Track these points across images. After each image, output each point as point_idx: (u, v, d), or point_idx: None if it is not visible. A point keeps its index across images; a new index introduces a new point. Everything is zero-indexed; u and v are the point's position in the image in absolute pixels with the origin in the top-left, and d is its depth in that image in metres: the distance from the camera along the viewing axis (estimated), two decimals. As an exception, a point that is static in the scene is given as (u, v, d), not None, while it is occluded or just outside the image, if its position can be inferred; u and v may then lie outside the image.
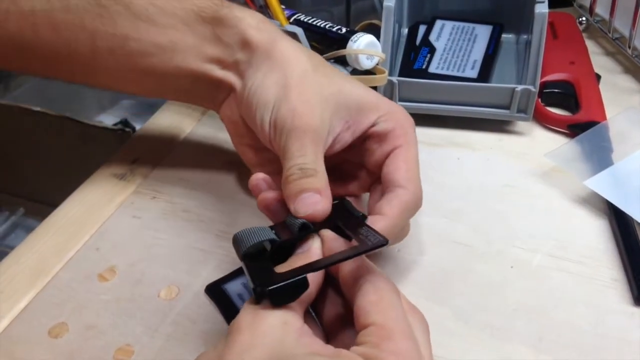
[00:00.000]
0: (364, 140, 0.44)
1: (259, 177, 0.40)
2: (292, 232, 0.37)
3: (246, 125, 0.45)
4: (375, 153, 0.43)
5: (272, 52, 0.43)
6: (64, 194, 0.53)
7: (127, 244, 0.49)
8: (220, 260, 0.47)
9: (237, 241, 0.36)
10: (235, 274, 0.45)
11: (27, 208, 1.01)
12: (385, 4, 0.59)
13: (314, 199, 0.37)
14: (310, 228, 0.36)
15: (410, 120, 0.44)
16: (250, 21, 0.44)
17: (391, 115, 0.43)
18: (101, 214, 0.51)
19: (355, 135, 0.43)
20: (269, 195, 0.39)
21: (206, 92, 0.46)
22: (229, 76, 0.45)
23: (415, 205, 0.41)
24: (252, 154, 0.47)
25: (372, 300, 0.32)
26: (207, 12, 0.45)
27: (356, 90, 0.43)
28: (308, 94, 0.41)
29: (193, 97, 0.49)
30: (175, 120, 0.61)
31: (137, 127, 0.83)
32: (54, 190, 0.58)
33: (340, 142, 0.43)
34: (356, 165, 0.45)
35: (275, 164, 0.45)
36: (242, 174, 0.54)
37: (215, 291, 0.44)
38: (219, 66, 0.45)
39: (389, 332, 0.30)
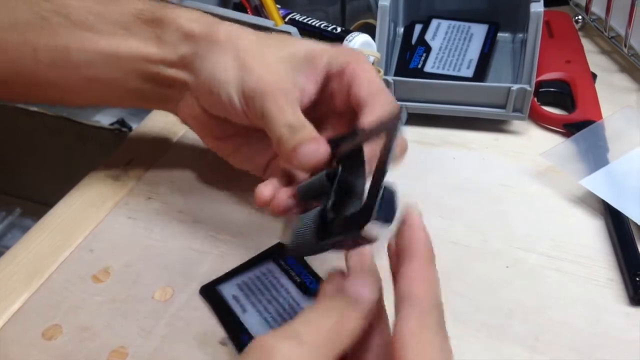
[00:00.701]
0: (325, 87, 0.44)
1: (265, 196, 0.40)
2: (321, 185, 0.37)
3: (210, 116, 0.45)
4: (338, 92, 0.44)
5: (216, 37, 0.43)
6: (61, 194, 0.53)
7: (122, 245, 0.49)
8: (215, 261, 0.47)
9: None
10: (230, 275, 0.45)
11: (24, 208, 1.01)
12: (380, 3, 0.59)
13: (313, 146, 0.38)
14: (336, 173, 0.36)
15: (361, 54, 0.44)
16: (188, 16, 0.44)
17: (340, 52, 0.44)
18: (96, 215, 0.51)
19: (318, 84, 0.44)
20: (279, 202, 0.39)
21: (159, 94, 0.47)
22: (179, 74, 0.45)
23: (392, 106, 0.41)
24: (223, 144, 0.48)
25: (413, 331, 0.29)
26: (146, 14, 0.45)
27: (304, 44, 0.44)
28: (266, 59, 0.42)
29: (148, 101, 0.49)
30: (170, 120, 0.61)
31: (134, 126, 0.83)
32: (51, 190, 0.58)
33: (307, 95, 0.43)
34: (326, 115, 0.46)
35: (250, 146, 0.46)
36: (238, 174, 0.54)
37: (210, 292, 0.44)
38: (166, 66, 0.45)
39: None
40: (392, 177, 0.37)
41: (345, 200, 0.36)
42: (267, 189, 0.40)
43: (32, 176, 0.99)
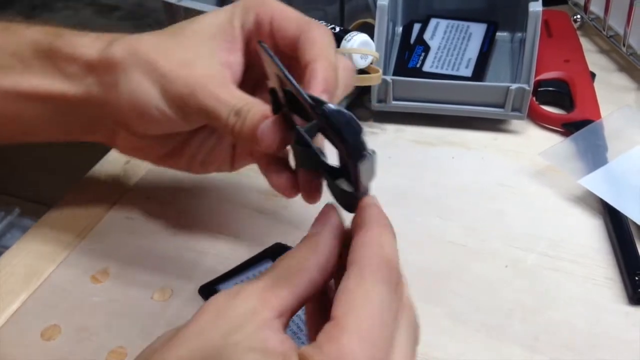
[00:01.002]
0: (249, 48, 0.41)
1: (289, 185, 0.38)
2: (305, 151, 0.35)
3: (150, 138, 0.42)
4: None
5: (115, 58, 0.40)
6: (60, 194, 0.53)
7: (121, 245, 0.49)
8: (214, 262, 0.47)
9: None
10: (229, 275, 0.45)
11: (23, 208, 1.01)
12: (379, 2, 0.58)
13: (269, 123, 0.35)
14: (300, 133, 0.34)
15: None
16: (84, 42, 0.41)
17: (247, 5, 0.41)
18: (95, 215, 0.51)
19: (242, 50, 0.41)
20: (306, 190, 0.37)
21: (84, 128, 0.44)
22: (95, 110, 0.41)
23: (324, 31, 0.39)
24: (177, 159, 0.45)
25: (349, 288, 0.27)
26: (43, 45, 0.41)
27: (208, 19, 0.41)
28: (176, 56, 0.39)
29: (79, 136, 0.46)
30: (169, 120, 0.61)
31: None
32: (51, 190, 0.58)
33: (237, 68, 0.40)
34: (261, 77, 0.42)
35: (204, 147, 0.44)
36: (236, 175, 0.54)
37: (209, 292, 0.44)
38: (77, 102, 0.42)
39: (341, 330, 0.26)
40: (392, 177, 0.37)
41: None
42: (283, 177, 0.38)
43: (31, 176, 0.99)
